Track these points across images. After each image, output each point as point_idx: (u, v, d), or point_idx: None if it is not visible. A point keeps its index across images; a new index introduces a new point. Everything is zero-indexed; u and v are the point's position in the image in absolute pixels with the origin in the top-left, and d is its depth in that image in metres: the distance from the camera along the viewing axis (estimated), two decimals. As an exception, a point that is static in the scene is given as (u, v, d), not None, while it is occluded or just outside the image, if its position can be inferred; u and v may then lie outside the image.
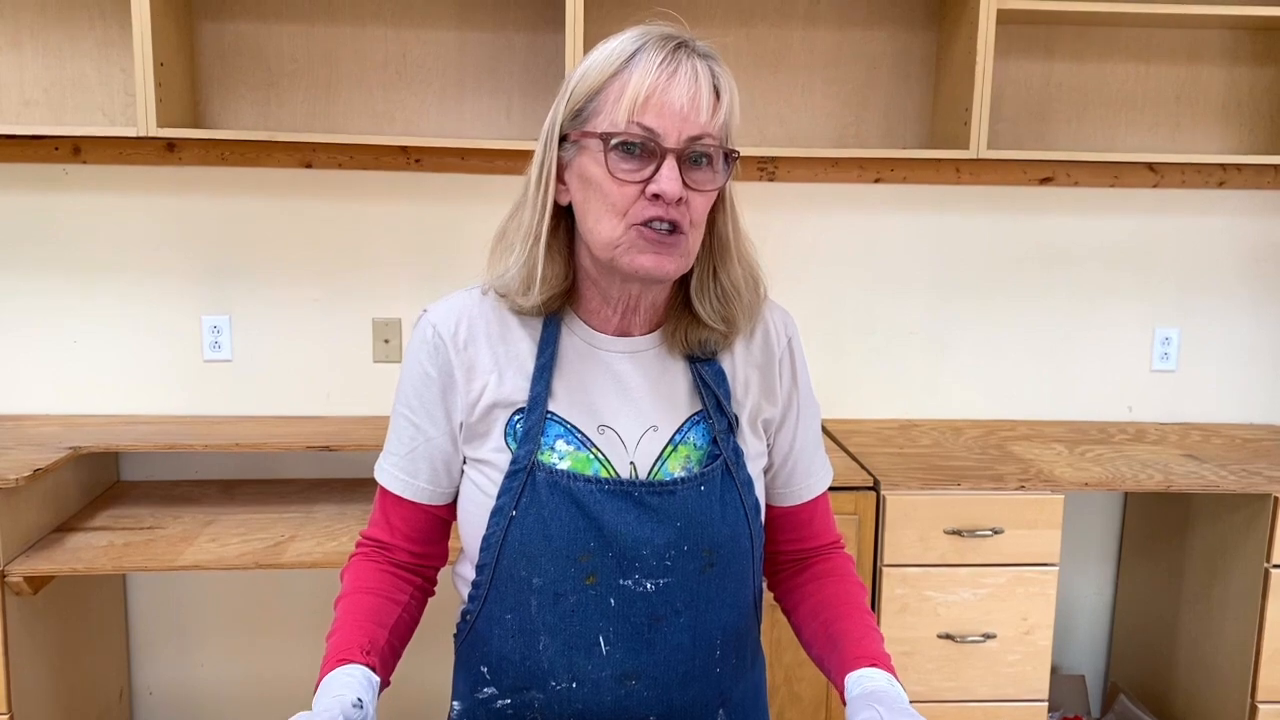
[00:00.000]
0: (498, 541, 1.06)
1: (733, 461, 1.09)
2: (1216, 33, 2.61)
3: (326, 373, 2.57)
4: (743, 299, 1.10)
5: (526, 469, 1.06)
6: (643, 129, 0.98)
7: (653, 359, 1.11)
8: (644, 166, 0.99)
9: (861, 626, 1.10)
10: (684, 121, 0.98)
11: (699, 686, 1.10)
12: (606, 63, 1.00)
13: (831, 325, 2.67)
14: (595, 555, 1.05)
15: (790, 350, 1.17)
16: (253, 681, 2.64)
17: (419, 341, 1.11)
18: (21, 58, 2.40)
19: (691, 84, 0.99)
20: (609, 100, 1.00)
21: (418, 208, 2.54)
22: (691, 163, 1.00)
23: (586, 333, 1.10)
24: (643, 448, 1.08)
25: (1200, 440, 2.58)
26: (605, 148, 0.99)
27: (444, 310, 1.11)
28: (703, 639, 1.09)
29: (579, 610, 1.06)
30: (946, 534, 2.14)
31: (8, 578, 1.96)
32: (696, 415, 1.10)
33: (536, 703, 1.09)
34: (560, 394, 1.08)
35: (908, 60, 2.58)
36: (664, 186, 0.98)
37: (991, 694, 2.21)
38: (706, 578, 1.08)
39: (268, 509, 2.31)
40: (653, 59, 0.99)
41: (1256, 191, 2.69)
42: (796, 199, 2.61)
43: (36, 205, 2.46)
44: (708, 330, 1.09)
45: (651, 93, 0.98)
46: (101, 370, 2.53)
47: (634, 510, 1.05)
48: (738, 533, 1.09)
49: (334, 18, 2.45)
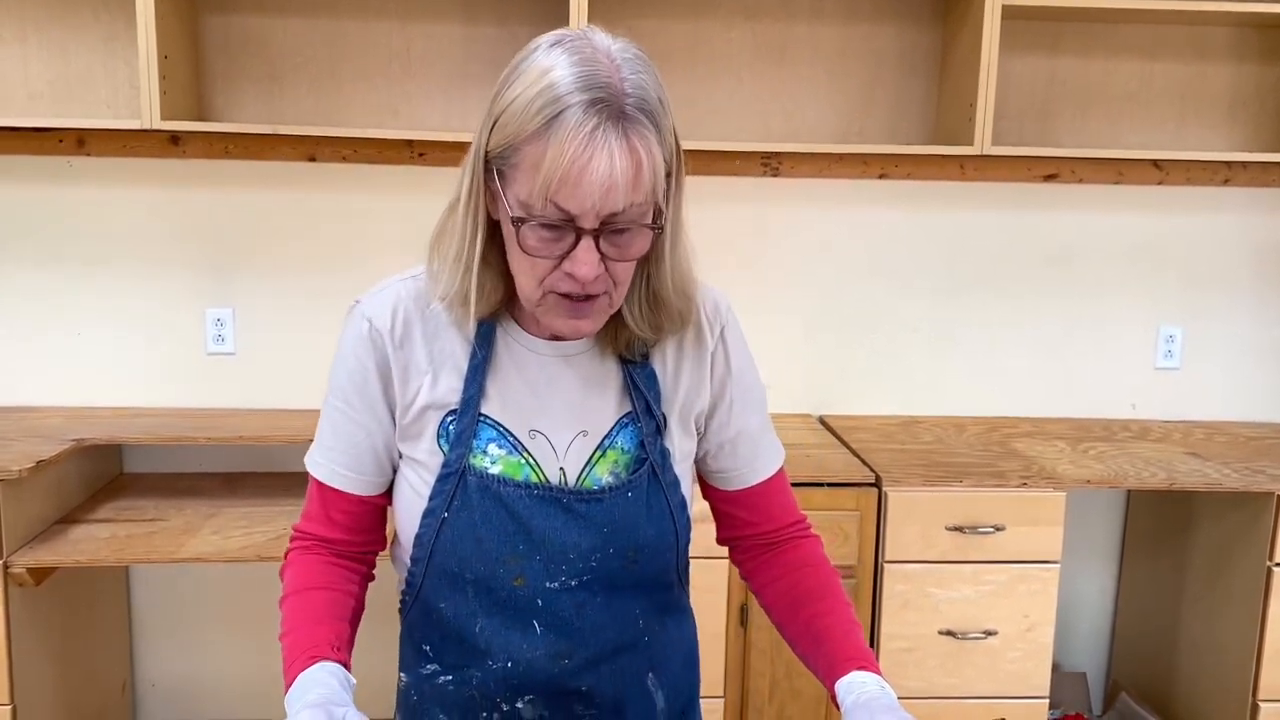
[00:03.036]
0: (429, 541, 1.08)
1: (659, 464, 1.10)
2: (1222, 30, 2.60)
3: (329, 366, 2.56)
4: (672, 307, 1.08)
5: (458, 472, 1.06)
6: (558, 209, 0.93)
7: (585, 361, 1.11)
8: (560, 239, 0.95)
9: (843, 621, 1.12)
10: (601, 201, 0.92)
11: (627, 657, 1.14)
12: (527, 115, 0.92)
13: (834, 321, 2.67)
14: (524, 558, 1.07)
15: (724, 340, 1.15)
16: (255, 674, 2.65)
17: (355, 336, 1.09)
18: (26, 50, 2.40)
19: (608, 164, 0.91)
20: (525, 164, 0.93)
21: (421, 202, 2.51)
22: (613, 231, 0.96)
23: (521, 335, 1.10)
24: (572, 453, 1.09)
25: (1203, 438, 2.57)
26: (517, 226, 0.95)
27: (379, 304, 1.09)
28: (624, 616, 1.12)
29: (510, 601, 1.08)
30: (948, 531, 2.14)
31: (11, 569, 1.97)
32: (625, 417, 1.11)
33: (475, 679, 1.11)
34: (493, 396, 1.08)
35: (912, 56, 2.57)
36: (578, 270, 0.95)
37: (992, 691, 2.21)
38: (629, 571, 1.11)
39: (270, 502, 2.31)
40: (572, 134, 0.90)
41: (1261, 189, 2.68)
42: (800, 194, 2.61)
43: (41, 197, 2.46)
44: (637, 334, 1.09)
45: (567, 176, 0.91)
46: (105, 363, 2.53)
47: (562, 516, 1.07)
48: (663, 531, 1.11)
49: (338, 11, 2.45)
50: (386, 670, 1.32)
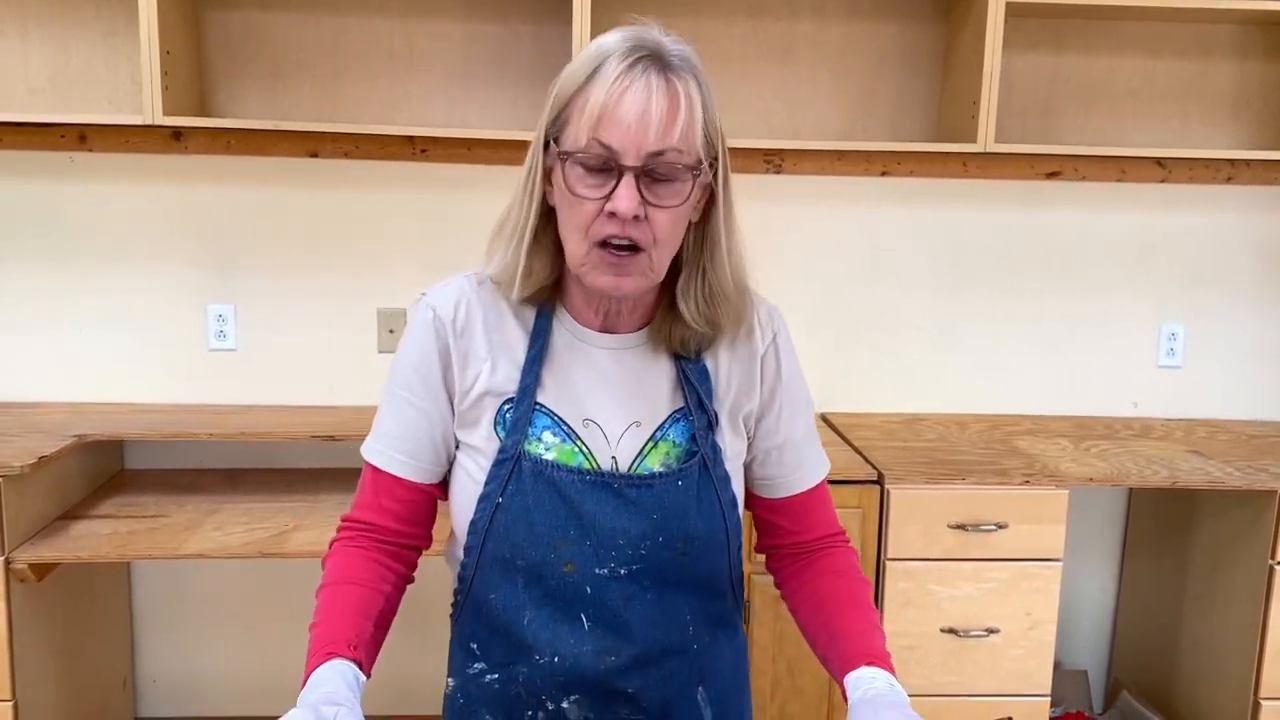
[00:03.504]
0: (484, 527, 1.10)
1: (710, 458, 1.11)
2: (1225, 27, 2.60)
3: (331, 362, 2.57)
4: (730, 302, 1.10)
5: (513, 458, 1.09)
6: (602, 146, 0.98)
7: (637, 356, 1.13)
8: (604, 183, 0.99)
9: (862, 623, 1.12)
10: (641, 137, 0.98)
11: (675, 662, 1.14)
12: (575, 74, 1.01)
13: (837, 319, 2.67)
14: (574, 544, 1.08)
15: (775, 346, 1.18)
16: (256, 670, 2.65)
17: (419, 324, 1.13)
18: (28, 46, 2.39)
19: (644, 99, 0.97)
20: (574, 114, 1.00)
21: (423, 198, 2.54)
22: (654, 179, 1.00)
23: (575, 327, 1.12)
24: (625, 443, 1.10)
25: (1205, 436, 2.57)
26: (564, 164, 1.00)
27: (442, 295, 1.13)
28: (673, 613, 1.12)
29: (560, 591, 1.09)
30: (950, 528, 2.14)
31: (12, 565, 1.97)
32: (678, 412, 1.12)
33: (521, 676, 1.12)
34: (549, 386, 1.11)
35: (915, 54, 2.57)
36: (618, 205, 0.98)
37: (994, 689, 2.21)
38: (680, 564, 1.11)
39: (272, 498, 2.31)
40: (612, 73, 0.98)
41: (1264, 187, 2.68)
42: (802, 192, 2.61)
43: (43, 193, 2.46)
44: (693, 330, 1.11)
45: (605, 109, 0.97)
46: (106, 359, 2.53)
47: (613, 501, 1.08)
48: (713, 527, 1.12)
49: (340, 8, 2.45)
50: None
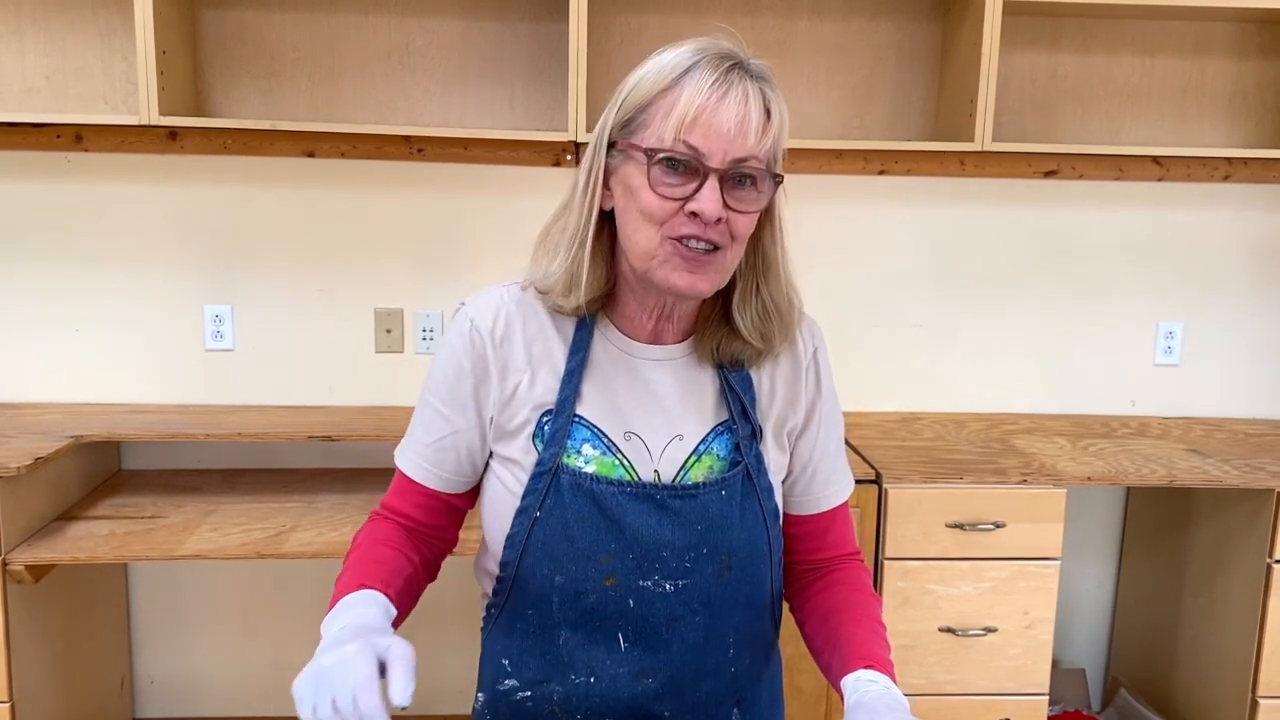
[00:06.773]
0: (521, 541, 1.08)
1: (754, 468, 1.10)
2: (1223, 25, 2.59)
3: (329, 363, 2.57)
4: (782, 318, 1.11)
5: (552, 471, 1.07)
6: (689, 148, 0.98)
7: (682, 367, 1.12)
8: (686, 183, 0.99)
9: (866, 632, 1.10)
10: (730, 143, 0.98)
11: (713, 684, 1.12)
12: (659, 76, 1.00)
13: (834, 318, 2.67)
14: (615, 557, 1.06)
15: (816, 360, 1.18)
16: (254, 671, 2.65)
17: (456, 334, 1.12)
18: (23, 45, 2.39)
19: (741, 106, 0.98)
20: (658, 115, 0.99)
21: (420, 198, 2.54)
22: (735, 183, 1.00)
23: (619, 338, 1.11)
24: (667, 456, 1.09)
25: (1203, 435, 2.57)
26: (650, 162, 0.99)
27: (482, 305, 1.12)
28: (717, 638, 1.10)
29: (599, 608, 1.07)
30: (948, 527, 2.14)
31: (9, 566, 1.96)
32: (721, 425, 1.11)
33: (555, 695, 1.10)
34: (589, 398, 1.09)
35: (913, 52, 2.57)
36: (704, 206, 0.98)
37: (992, 687, 2.21)
38: (724, 580, 1.09)
39: (269, 499, 2.31)
40: (705, 78, 0.98)
41: (1262, 185, 2.68)
42: (800, 190, 2.60)
43: (38, 193, 2.45)
44: (743, 344, 1.10)
45: (700, 112, 0.97)
46: (103, 359, 2.52)
47: (655, 513, 1.06)
48: (755, 537, 1.10)
49: (337, 6, 2.44)
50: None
